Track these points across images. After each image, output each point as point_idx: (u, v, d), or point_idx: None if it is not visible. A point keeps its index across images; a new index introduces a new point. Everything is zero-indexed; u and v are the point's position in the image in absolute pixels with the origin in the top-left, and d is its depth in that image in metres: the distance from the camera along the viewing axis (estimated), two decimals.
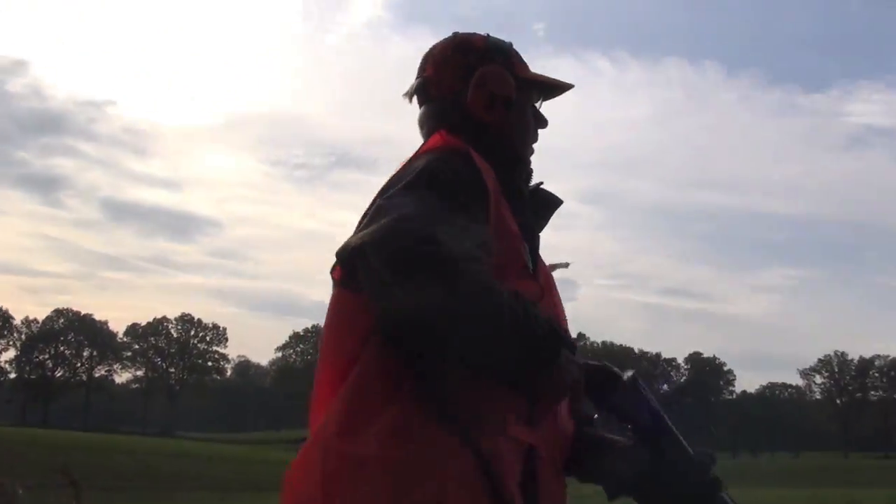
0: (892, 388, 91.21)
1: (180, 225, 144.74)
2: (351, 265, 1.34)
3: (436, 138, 1.55)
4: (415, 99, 1.71)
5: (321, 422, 1.41)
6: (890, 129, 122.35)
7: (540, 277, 1.58)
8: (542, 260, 1.64)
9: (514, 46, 1.70)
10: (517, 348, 1.29)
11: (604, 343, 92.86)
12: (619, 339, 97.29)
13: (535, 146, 1.69)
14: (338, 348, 1.46)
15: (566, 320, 1.65)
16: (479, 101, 1.60)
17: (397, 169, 1.53)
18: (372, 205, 1.46)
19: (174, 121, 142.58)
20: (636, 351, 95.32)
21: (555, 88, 1.72)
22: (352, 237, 1.35)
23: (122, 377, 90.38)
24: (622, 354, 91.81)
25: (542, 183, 1.68)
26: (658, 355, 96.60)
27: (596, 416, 1.61)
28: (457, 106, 1.61)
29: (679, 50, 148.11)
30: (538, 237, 1.63)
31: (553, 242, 1.71)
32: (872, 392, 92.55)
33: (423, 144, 1.57)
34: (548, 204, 1.67)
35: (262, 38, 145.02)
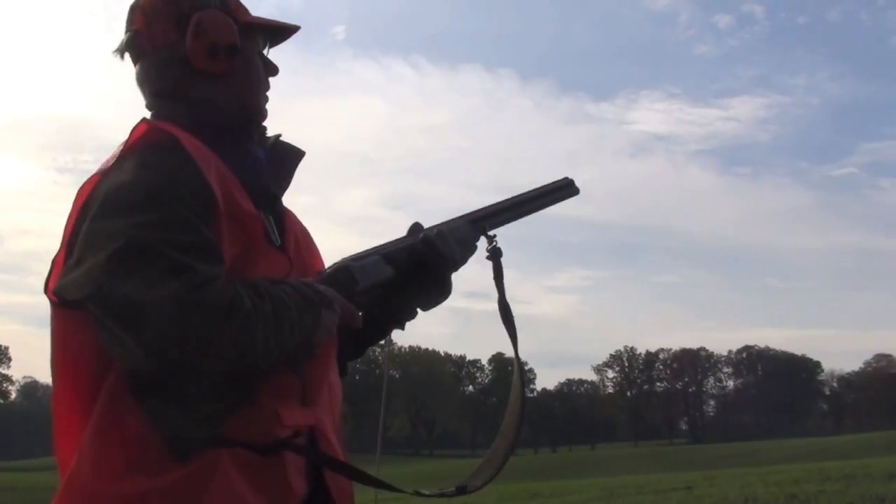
0: (674, 378, 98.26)
1: None
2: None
3: (140, 129, 1.37)
4: (128, 57, 1.53)
5: (73, 465, 1.29)
6: (668, 136, 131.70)
7: (288, 243, 1.50)
8: (290, 217, 1.56)
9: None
10: (279, 349, 1.28)
11: (411, 347, 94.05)
12: (426, 343, 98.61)
13: (268, 94, 1.57)
14: (74, 376, 1.33)
15: (322, 266, 1.58)
16: (201, 51, 1.44)
17: (104, 164, 1.37)
18: (81, 205, 1.33)
19: None
20: (442, 354, 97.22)
21: (281, 32, 1.58)
22: (70, 275, 1.26)
23: None
24: (428, 358, 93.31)
25: (280, 135, 1.55)
26: (463, 357, 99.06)
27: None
28: (175, 58, 1.45)
29: (476, 57, 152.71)
30: (280, 200, 1.53)
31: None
32: (658, 383, 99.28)
33: (128, 136, 1.38)
34: (290, 158, 1.55)
35: (42, 37, 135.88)
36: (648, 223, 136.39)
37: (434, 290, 1.66)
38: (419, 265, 1.62)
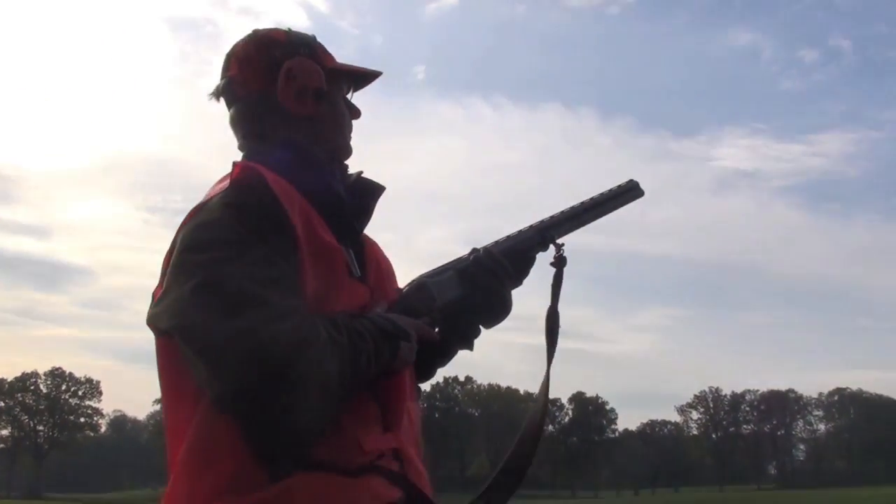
0: (761, 421, 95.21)
1: (49, 274, 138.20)
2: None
3: (234, 170, 1.44)
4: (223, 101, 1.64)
5: (168, 486, 1.37)
6: (753, 173, 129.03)
7: (369, 274, 1.57)
8: (372, 248, 1.63)
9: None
10: (356, 380, 1.34)
11: (490, 385, 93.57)
12: (505, 380, 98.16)
13: (352, 135, 1.66)
14: (176, 402, 1.41)
15: (397, 292, 1.64)
16: (290, 94, 1.55)
17: (206, 197, 1.45)
18: (175, 244, 1.40)
19: (41, 165, 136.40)
20: (522, 392, 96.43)
21: (364, 77, 1.69)
22: (159, 306, 1.34)
23: None
24: (508, 396, 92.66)
25: (362, 172, 1.64)
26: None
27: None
28: (267, 102, 1.56)
29: (556, 96, 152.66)
30: (362, 235, 1.61)
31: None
32: (745, 426, 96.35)
33: (223, 177, 1.48)
34: (371, 193, 1.62)
35: (135, 80, 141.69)
36: (733, 261, 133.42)
37: (493, 307, 1.67)
38: (477, 284, 1.64)
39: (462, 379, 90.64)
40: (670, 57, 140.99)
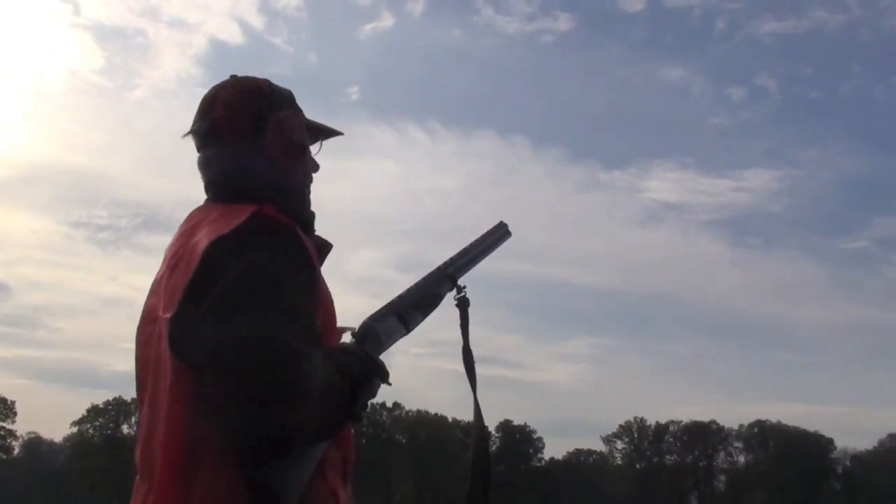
0: (685, 452, 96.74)
1: None
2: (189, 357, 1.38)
3: (260, 211, 1.48)
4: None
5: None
6: (679, 205, 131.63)
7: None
8: None
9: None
10: (344, 420, 1.45)
11: (418, 411, 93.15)
12: (433, 407, 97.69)
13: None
14: (173, 434, 1.42)
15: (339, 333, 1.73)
16: (279, 146, 1.64)
17: (210, 229, 1.48)
18: (198, 265, 1.42)
19: None
20: (449, 419, 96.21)
21: (327, 134, 1.81)
22: (193, 331, 1.36)
23: None
24: (435, 423, 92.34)
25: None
26: (470, 423, 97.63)
27: None
28: (253, 150, 1.63)
29: (490, 123, 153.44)
30: None
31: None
32: (668, 456, 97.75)
33: (236, 208, 1.51)
34: (326, 249, 1.70)
35: (60, 90, 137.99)
36: (659, 292, 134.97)
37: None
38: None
39: (390, 405, 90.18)
40: (602, 88, 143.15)
